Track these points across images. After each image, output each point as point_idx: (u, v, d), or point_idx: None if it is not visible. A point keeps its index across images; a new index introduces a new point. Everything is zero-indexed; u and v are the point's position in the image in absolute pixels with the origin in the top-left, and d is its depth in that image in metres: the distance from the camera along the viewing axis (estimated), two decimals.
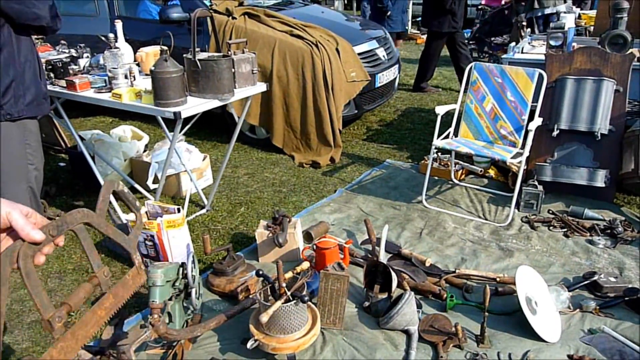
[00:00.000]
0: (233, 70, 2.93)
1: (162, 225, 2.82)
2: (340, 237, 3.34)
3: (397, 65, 5.72)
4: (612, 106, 3.67)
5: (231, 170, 4.58)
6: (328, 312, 2.46)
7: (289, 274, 2.29)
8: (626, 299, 2.63)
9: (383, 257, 2.80)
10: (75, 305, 0.96)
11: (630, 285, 2.72)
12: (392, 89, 5.84)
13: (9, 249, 0.85)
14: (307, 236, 3.25)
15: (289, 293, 2.16)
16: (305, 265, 2.33)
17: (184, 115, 2.69)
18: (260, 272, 2.30)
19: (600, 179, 3.57)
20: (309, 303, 2.36)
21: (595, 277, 2.74)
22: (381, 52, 5.43)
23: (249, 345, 2.17)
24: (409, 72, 8.15)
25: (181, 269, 2.33)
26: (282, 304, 2.11)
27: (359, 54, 5.05)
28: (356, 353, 2.31)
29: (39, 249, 0.88)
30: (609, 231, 3.33)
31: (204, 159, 4.20)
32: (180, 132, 3.16)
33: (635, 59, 3.70)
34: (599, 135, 3.64)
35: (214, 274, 2.84)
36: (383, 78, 5.33)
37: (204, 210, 3.79)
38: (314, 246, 2.86)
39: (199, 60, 2.77)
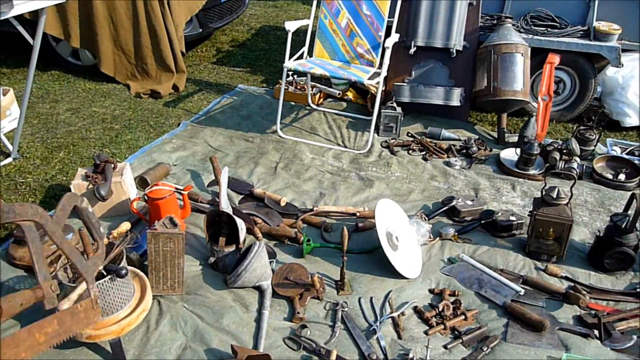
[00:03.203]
0: None
1: None
2: (183, 180, 2.87)
3: None
4: (466, 21, 3.53)
5: (49, 106, 3.76)
6: (164, 277, 2.04)
7: (104, 241, 1.80)
8: (482, 222, 2.57)
9: (225, 204, 2.40)
10: (6, 311, 0.86)
11: (485, 208, 2.68)
12: (243, 4, 5.21)
13: None
14: (142, 182, 2.73)
15: (101, 267, 1.68)
16: (124, 227, 1.86)
17: None
18: None
19: (456, 98, 3.47)
20: (134, 270, 1.92)
21: (454, 202, 2.65)
22: None
23: None
24: None
25: None
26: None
27: None
28: (199, 322, 1.95)
29: None
30: (464, 151, 3.28)
31: (5, 94, 3.34)
32: None
33: None
34: (454, 52, 3.51)
35: (16, 244, 2.24)
36: None
37: (9, 160, 3.03)
38: (145, 196, 2.36)
39: None
